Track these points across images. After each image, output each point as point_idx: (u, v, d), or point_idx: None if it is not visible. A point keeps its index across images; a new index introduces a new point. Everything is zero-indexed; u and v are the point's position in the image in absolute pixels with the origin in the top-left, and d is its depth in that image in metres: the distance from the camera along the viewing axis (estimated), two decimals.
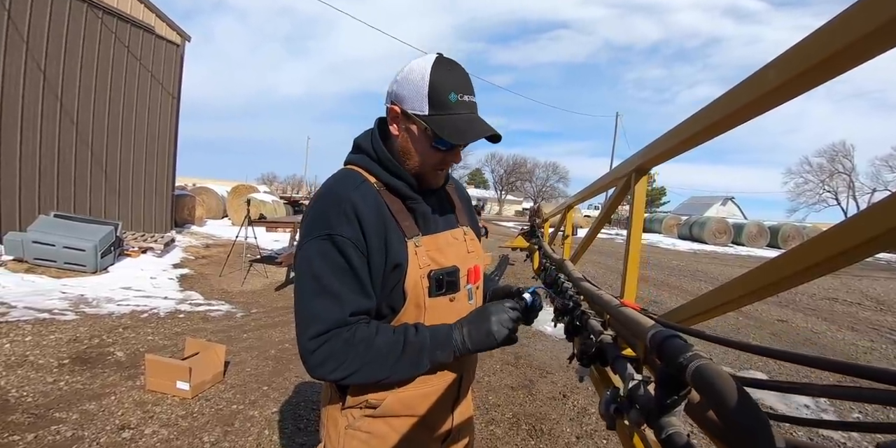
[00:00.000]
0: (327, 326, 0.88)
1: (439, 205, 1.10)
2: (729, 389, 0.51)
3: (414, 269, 0.96)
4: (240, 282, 7.00)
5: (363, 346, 0.89)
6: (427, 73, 0.92)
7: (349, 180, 0.98)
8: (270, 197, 16.42)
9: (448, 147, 0.97)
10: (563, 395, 3.61)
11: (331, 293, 0.89)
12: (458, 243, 1.09)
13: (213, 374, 3.28)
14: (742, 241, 23.81)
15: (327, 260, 0.90)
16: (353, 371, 0.89)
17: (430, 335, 0.94)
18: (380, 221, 0.94)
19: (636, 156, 1.23)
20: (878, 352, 5.45)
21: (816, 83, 0.59)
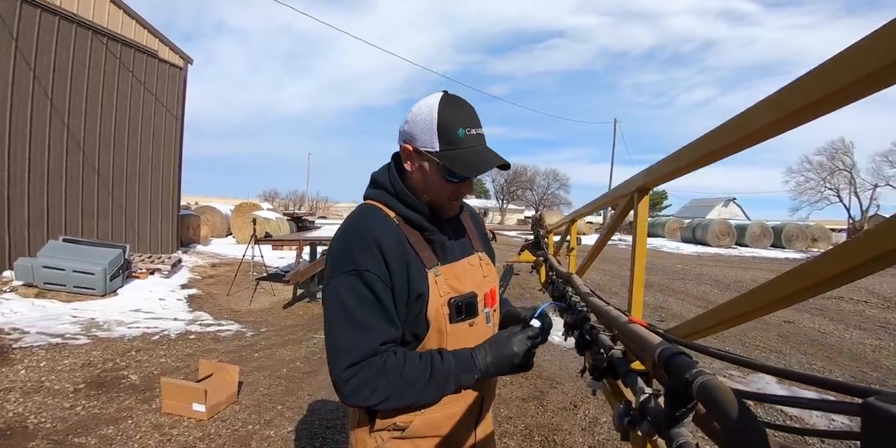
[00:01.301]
0: (361, 357, 0.93)
1: (454, 233, 1.14)
2: (730, 402, 0.57)
3: (435, 298, 1.01)
4: (247, 301, 7.05)
5: (394, 374, 0.94)
6: (434, 111, 0.98)
7: (371, 216, 1.04)
8: (274, 214, 16.52)
9: (460, 179, 1.03)
10: (574, 405, 3.63)
11: (362, 325, 0.94)
12: (474, 269, 1.14)
13: (227, 394, 3.33)
14: (746, 242, 23.77)
15: (356, 294, 0.95)
16: (385, 398, 0.94)
17: (455, 361, 0.99)
18: (402, 255, 0.99)
19: (639, 176, 1.30)
20: (887, 350, 5.45)
21: (803, 122, 0.66)
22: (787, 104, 0.65)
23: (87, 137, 8.42)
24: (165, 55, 10.22)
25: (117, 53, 8.92)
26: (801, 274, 0.69)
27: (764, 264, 16.29)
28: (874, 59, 0.44)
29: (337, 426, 3.10)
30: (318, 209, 48.30)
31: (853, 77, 0.48)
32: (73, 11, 7.97)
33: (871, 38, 0.45)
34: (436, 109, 0.99)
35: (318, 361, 4.45)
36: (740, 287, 10.46)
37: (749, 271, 13.69)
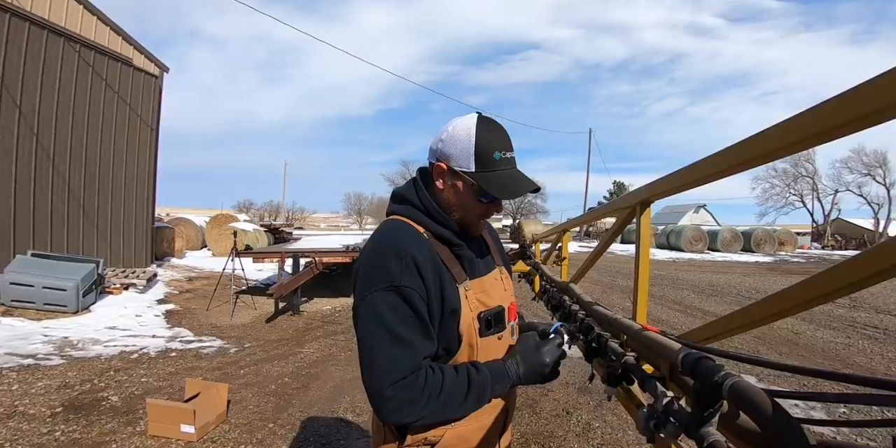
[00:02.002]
0: (404, 374, 0.93)
1: (478, 249, 1.17)
2: (763, 402, 0.62)
3: (466, 312, 1.03)
4: (228, 315, 6.90)
5: (435, 390, 0.94)
6: (473, 133, 1.01)
7: (403, 232, 1.05)
8: (251, 226, 16.20)
9: (491, 199, 1.06)
10: (567, 411, 3.67)
11: (403, 342, 0.94)
12: (498, 283, 1.16)
13: (216, 414, 3.24)
14: (717, 246, 24.53)
15: (395, 310, 0.95)
16: (427, 414, 0.95)
17: (490, 372, 1.01)
18: (435, 271, 1.00)
19: (642, 189, 1.37)
20: (855, 347, 5.71)
21: (798, 150, 0.74)
22: (785, 137, 0.74)
23: (57, 147, 8.14)
24: (140, 63, 10.02)
25: (90, 61, 8.70)
26: (806, 287, 0.77)
27: (736, 268, 16.83)
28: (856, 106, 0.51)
29: (332, 443, 3.06)
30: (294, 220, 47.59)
31: (844, 118, 0.59)
32: (43, 17, 7.75)
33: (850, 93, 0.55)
34: (473, 131, 1.01)
35: (306, 377, 4.38)
36: (715, 291, 10.78)
37: (722, 275, 14.13)
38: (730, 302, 9.22)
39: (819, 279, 0.75)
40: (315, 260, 7.69)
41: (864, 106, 0.58)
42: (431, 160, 1.08)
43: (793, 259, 21.74)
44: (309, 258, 7.91)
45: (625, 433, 3.32)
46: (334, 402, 3.73)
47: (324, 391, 3.99)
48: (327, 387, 4.11)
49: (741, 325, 0.99)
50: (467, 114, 1.07)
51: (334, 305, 7.91)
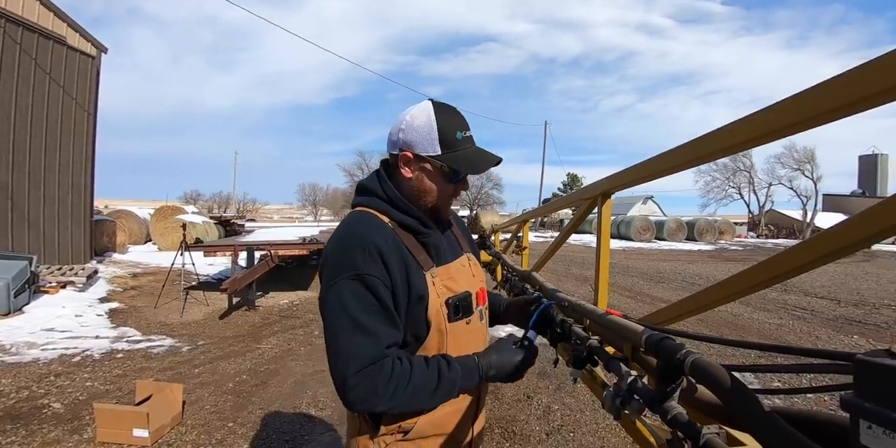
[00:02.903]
0: (367, 362, 0.94)
1: (445, 236, 1.20)
2: (722, 376, 0.67)
3: (434, 299, 1.05)
4: (178, 312, 6.60)
5: (403, 382, 0.95)
6: (433, 118, 1.04)
7: (368, 222, 1.06)
8: (200, 218, 15.51)
9: (459, 179, 1.10)
10: (528, 396, 3.79)
11: (367, 331, 0.95)
12: (466, 269, 1.18)
13: (171, 416, 3.11)
14: (664, 236, 25.84)
15: (359, 299, 0.96)
16: (395, 404, 0.96)
17: (461, 369, 1.02)
18: (400, 259, 1.02)
19: (603, 181, 1.43)
20: (787, 327, 6.22)
21: (751, 147, 0.81)
22: (740, 134, 0.81)
23: None
24: (75, 42, 9.21)
25: (17, 38, 7.90)
26: (749, 274, 0.85)
27: (681, 256, 17.80)
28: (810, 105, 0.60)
29: (296, 439, 3.01)
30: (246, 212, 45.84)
31: (797, 118, 0.66)
32: None
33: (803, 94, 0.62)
34: (433, 116, 1.05)
35: (265, 373, 4.28)
36: (662, 278, 11.38)
37: (668, 263, 14.92)
38: (675, 288, 9.77)
39: (760, 267, 0.83)
40: (270, 253, 7.47)
41: (803, 111, 0.66)
42: (394, 151, 1.09)
43: (731, 247, 23.22)
44: (264, 251, 7.67)
45: (582, 414, 3.48)
46: (296, 398, 3.67)
47: (284, 387, 3.92)
48: (288, 382, 4.03)
49: (695, 309, 1.07)
50: (419, 102, 1.10)
51: (291, 299, 7.73)
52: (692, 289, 9.68)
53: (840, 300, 8.25)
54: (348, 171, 44.74)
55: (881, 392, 0.41)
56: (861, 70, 0.57)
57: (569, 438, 3.10)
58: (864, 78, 0.57)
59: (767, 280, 0.83)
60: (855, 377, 0.44)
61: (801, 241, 0.75)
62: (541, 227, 31.80)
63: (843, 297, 8.48)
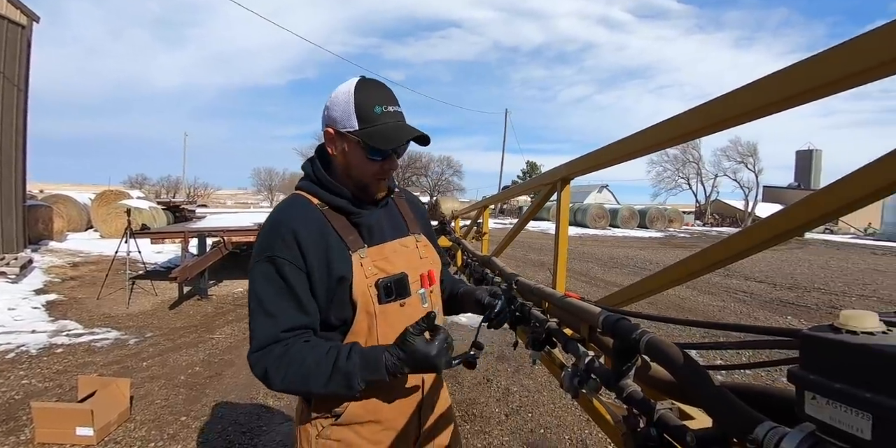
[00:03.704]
0: (264, 343, 0.97)
1: (388, 216, 1.16)
2: (675, 353, 0.69)
3: (360, 280, 1.02)
4: (124, 303, 6.25)
5: (296, 364, 0.95)
6: (351, 92, 1.02)
7: (292, 205, 1.08)
8: (147, 203, 14.66)
9: (382, 156, 1.03)
10: (487, 379, 3.87)
11: (267, 312, 0.99)
12: (409, 251, 1.15)
13: (118, 412, 2.94)
14: (618, 223, 26.83)
15: (267, 281, 1.00)
16: (289, 386, 0.97)
17: (361, 360, 0.94)
18: (320, 240, 1.01)
19: (562, 167, 1.45)
20: (729, 309, 6.63)
21: (706, 134, 0.84)
22: (694, 122, 0.85)
23: None
24: (3, 10, 8.36)
25: None
26: (700, 257, 0.89)
27: (633, 243, 18.55)
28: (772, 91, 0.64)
29: (254, 430, 2.94)
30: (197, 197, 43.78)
31: (761, 102, 0.68)
32: None
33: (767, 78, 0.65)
34: (352, 91, 1.02)
35: (220, 364, 4.14)
36: (616, 263, 11.83)
37: (621, 249, 15.52)
38: (628, 273, 10.18)
39: (706, 253, 0.88)
40: (223, 239, 7.17)
41: (744, 104, 0.70)
42: (322, 128, 1.08)
43: (679, 234, 24.41)
44: (216, 237, 7.36)
45: (540, 395, 3.58)
46: (252, 389, 3.57)
47: (240, 378, 3.81)
48: (243, 373, 3.92)
49: (647, 291, 1.10)
50: None
51: (246, 287, 7.48)
52: (643, 274, 10.12)
53: (776, 284, 8.87)
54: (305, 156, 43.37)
55: (825, 365, 0.43)
56: (794, 69, 0.61)
57: (527, 419, 3.19)
58: (796, 76, 0.61)
59: (712, 264, 0.87)
60: (800, 351, 0.46)
61: (740, 230, 0.80)
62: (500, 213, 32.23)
63: (779, 282, 9.12)
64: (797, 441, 0.46)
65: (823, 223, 0.62)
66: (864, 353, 0.40)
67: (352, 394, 0.96)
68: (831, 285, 8.87)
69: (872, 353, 0.40)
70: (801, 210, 0.65)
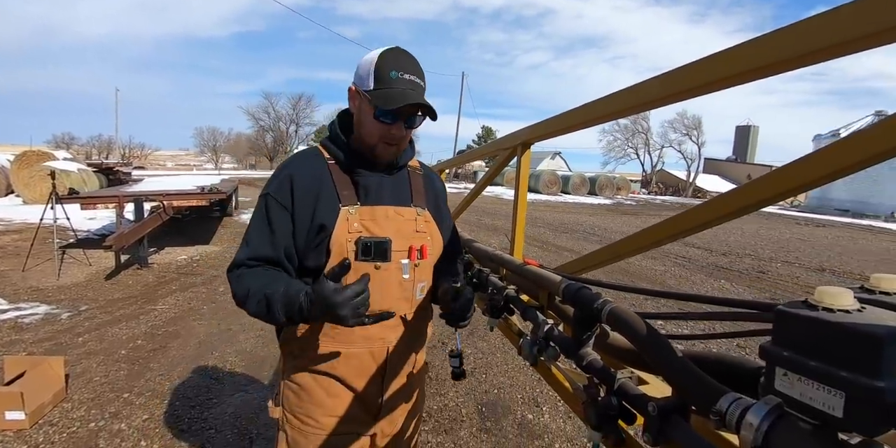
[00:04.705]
0: (235, 264, 1.10)
1: (394, 183, 1.17)
2: (638, 323, 0.68)
3: (341, 233, 1.06)
4: (54, 274, 5.79)
5: (245, 284, 1.05)
6: (377, 55, 1.06)
7: (302, 155, 1.17)
8: (75, 165, 13.43)
9: (390, 120, 1.06)
10: (442, 342, 3.93)
11: (247, 240, 1.11)
12: (403, 220, 1.14)
13: (52, 393, 2.74)
14: (569, 190, 27.60)
15: (258, 214, 1.11)
16: (240, 300, 1.06)
17: (286, 292, 0.99)
18: (314, 187, 1.08)
19: (522, 132, 1.40)
20: (669, 273, 7.05)
21: (671, 103, 0.84)
22: (663, 89, 0.83)
23: None
24: None
25: None
26: (659, 227, 0.89)
27: (583, 209, 19.17)
28: (745, 59, 0.65)
29: (204, 403, 2.84)
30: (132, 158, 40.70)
31: (723, 74, 0.68)
32: None
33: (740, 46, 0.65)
34: (378, 53, 1.06)
35: (164, 336, 3.96)
36: (566, 229, 12.22)
37: (572, 215, 16.02)
38: (578, 238, 10.56)
39: (668, 223, 0.87)
40: (163, 204, 6.71)
41: (705, 77, 0.71)
42: None
43: (626, 202, 25.45)
44: (155, 202, 6.89)
45: (493, 357, 3.70)
46: (200, 360, 3.45)
47: (187, 350, 3.67)
48: (190, 344, 3.77)
49: (607, 259, 1.10)
50: None
51: (191, 254, 7.13)
52: (592, 239, 10.54)
53: (712, 250, 9.48)
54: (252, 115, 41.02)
55: (799, 341, 0.42)
56: (738, 48, 0.64)
57: (482, 380, 3.30)
58: (740, 56, 0.64)
59: (674, 235, 0.87)
60: (774, 327, 0.44)
61: (705, 201, 0.81)
62: (454, 177, 32.27)
63: (715, 248, 9.75)
64: (762, 414, 0.45)
65: (782, 199, 0.65)
66: (840, 331, 0.39)
67: (273, 321, 1.03)
68: (760, 252, 9.60)
69: (849, 331, 0.38)
70: (766, 186, 0.66)
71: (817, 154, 0.59)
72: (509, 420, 2.78)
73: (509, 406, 2.95)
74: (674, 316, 0.68)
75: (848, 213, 21.79)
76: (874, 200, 21.40)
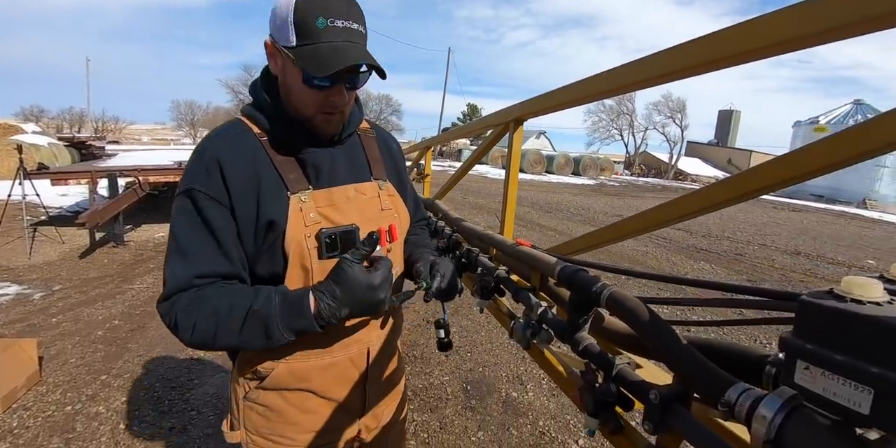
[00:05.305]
0: (174, 289, 0.83)
1: (346, 155, 0.97)
2: (639, 308, 0.65)
3: (296, 228, 0.86)
4: (25, 253, 5.60)
5: (208, 310, 0.80)
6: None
7: (225, 131, 0.90)
8: (45, 139, 12.88)
9: (326, 84, 0.82)
10: (427, 321, 3.95)
11: (181, 253, 0.84)
12: (366, 199, 0.96)
13: (25, 376, 2.66)
14: (553, 170, 27.62)
15: (184, 217, 0.85)
16: (200, 340, 0.82)
17: (281, 302, 0.80)
18: (251, 172, 0.85)
19: (515, 107, 1.34)
20: (651, 254, 7.15)
21: (665, 82, 0.81)
22: (659, 67, 0.79)
23: None
24: None
25: None
26: (659, 210, 0.86)
27: (566, 189, 19.24)
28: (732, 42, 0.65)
29: (184, 385, 2.80)
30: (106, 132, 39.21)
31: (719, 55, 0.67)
32: None
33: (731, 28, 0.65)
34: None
35: (142, 316, 3.87)
36: (551, 208, 12.27)
37: (556, 195, 16.06)
38: (562, 218, 10.62)
39: (669, 206, 0.84)
40: (139, 180, 6.49)
41: (693, 59, 0.72)
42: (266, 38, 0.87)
43: (609, 183, 25.60)
44: (131, 178, 6.65)
45: (478, 335, 3.73)
46: None
47: (166, 330, 3.59)
48: None
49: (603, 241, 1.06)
50: None
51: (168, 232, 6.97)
52: (577, 219, 10.62)
53: (692, 232, 9.64)
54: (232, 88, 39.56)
55: (825, 334, 0.39)
56: (724, 32, 0.65)
57: (466, 358, 3.32)
58: (725, 40, 0.65)
59: (672, 219, 0.84)
60: (796, 317, 0.42)
61: (703, 187, 0.79)
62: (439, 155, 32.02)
63: (695, 230, 9.91)
64: (776, 407, 0.43)
65: (785, 186, 0.64)
66: (872, 324, 0.36)
67: (274, 345, 0.80)
68: (738, 235, 9.79)
69: (882, 325, 0.36)
70: (768, 173, 0.64)
71: (818, 145, 0.58)
72: (494, 398, 2.82)
73: (494, 384, 2.98)
74: (676, 301, 0.65)
75: (822, 199, 22.37)
76: (847, 187, 21.99)
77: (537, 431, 2.50)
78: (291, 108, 0.88)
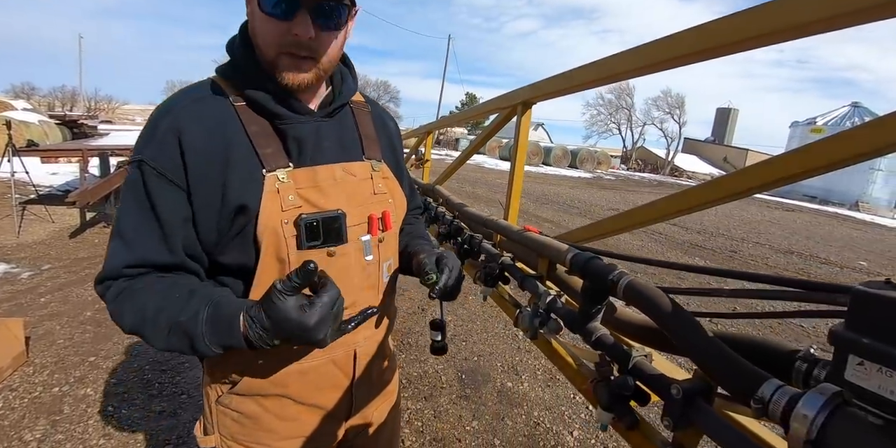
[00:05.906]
0: (105, 275, 0.74)
1: (336, 130, 0.84)
2: (660, 298, 0.62)
3: (272, 213, 0.73)
4: (13, 232, 5.50)
5: (136, 307, 0.71)
6: None
7: (190, 91, 0.77)
8: (36, 116, 12.64)
9: (282, 8, 0.69)
10: (422, 309, 3.93)
11: (120, 236, 0.74)
12: (356, 181, 0.84)
13: (11, 357, 2.60)
14: (550, 162, 27.57)
15: (132, 192, 0.73)
16: (136, 332, 0.72)
17: (209, 317, 0.68)
18: (218, 144, 0.72)
19: (524, 90, 1.29)
20: (646, 248, 7.17)
21: (674, 67, 0.79)
22: (671, 50, 0.77)
23: None
24: None
25: None
26: (671, 200, 0.82)
27: (563, 181, 19.22)
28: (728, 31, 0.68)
29: (175, 367, 2.76)
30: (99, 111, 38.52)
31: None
32: None
33: None
34: None
35: None
36: (547, 200, 12.25)
37: (552, 187, 16.04)
38: (558, 210, 10.61)
39: (681, 196, 0.81)
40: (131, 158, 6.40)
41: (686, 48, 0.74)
42: None
43: (605, 177, 25.61)
44: (122, 157, 6.55)
45: (473, 324, 3.71)
46: None
47: None
48: None
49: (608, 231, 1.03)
50: None
51: None
52: (573, 211, 10.61)
53: (688, 228, 9.67)
54: None
55: (884, 328, 0.36)
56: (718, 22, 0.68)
57: (461, 347, 3.31)
58: (719, 29, 0.68)
59: (682, 210, 0.82)
60: (850, 310, 0.38)
61: (707, 181, 0.78)
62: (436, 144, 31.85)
63: (690, 226, 9.94)
64: (818, 405, 0.40)
65: (781, 185, 0.65)
66: None
67: (204, 356, 0.71)
68: (733, 232, 9.85)
69: None
70: (767, 171, 0.64)
71: (817, 144, 0.58)
72: (489, 388, 2.81)
73: (489, 373, 2.97)
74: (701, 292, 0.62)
75: (816, 200, 22.51)
76: (841, 189, 22.12)
77: (532, 422, 2.50)
78: (260, 55, 0.75)
